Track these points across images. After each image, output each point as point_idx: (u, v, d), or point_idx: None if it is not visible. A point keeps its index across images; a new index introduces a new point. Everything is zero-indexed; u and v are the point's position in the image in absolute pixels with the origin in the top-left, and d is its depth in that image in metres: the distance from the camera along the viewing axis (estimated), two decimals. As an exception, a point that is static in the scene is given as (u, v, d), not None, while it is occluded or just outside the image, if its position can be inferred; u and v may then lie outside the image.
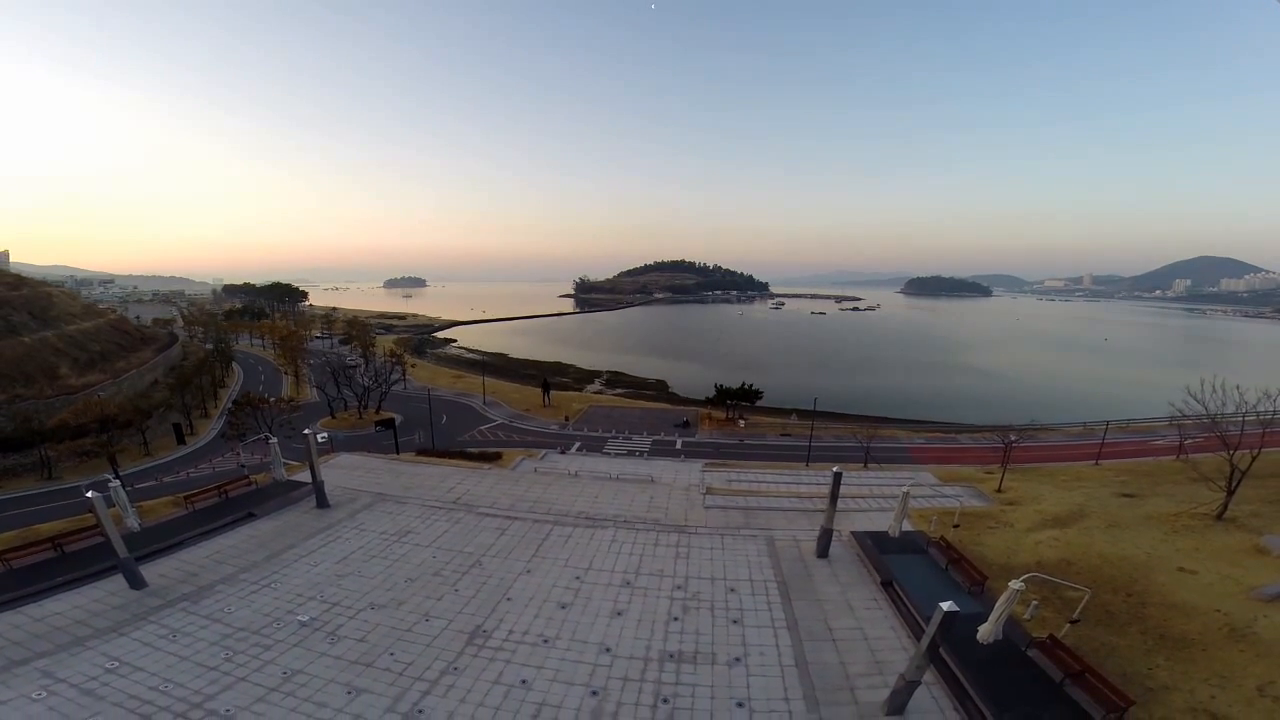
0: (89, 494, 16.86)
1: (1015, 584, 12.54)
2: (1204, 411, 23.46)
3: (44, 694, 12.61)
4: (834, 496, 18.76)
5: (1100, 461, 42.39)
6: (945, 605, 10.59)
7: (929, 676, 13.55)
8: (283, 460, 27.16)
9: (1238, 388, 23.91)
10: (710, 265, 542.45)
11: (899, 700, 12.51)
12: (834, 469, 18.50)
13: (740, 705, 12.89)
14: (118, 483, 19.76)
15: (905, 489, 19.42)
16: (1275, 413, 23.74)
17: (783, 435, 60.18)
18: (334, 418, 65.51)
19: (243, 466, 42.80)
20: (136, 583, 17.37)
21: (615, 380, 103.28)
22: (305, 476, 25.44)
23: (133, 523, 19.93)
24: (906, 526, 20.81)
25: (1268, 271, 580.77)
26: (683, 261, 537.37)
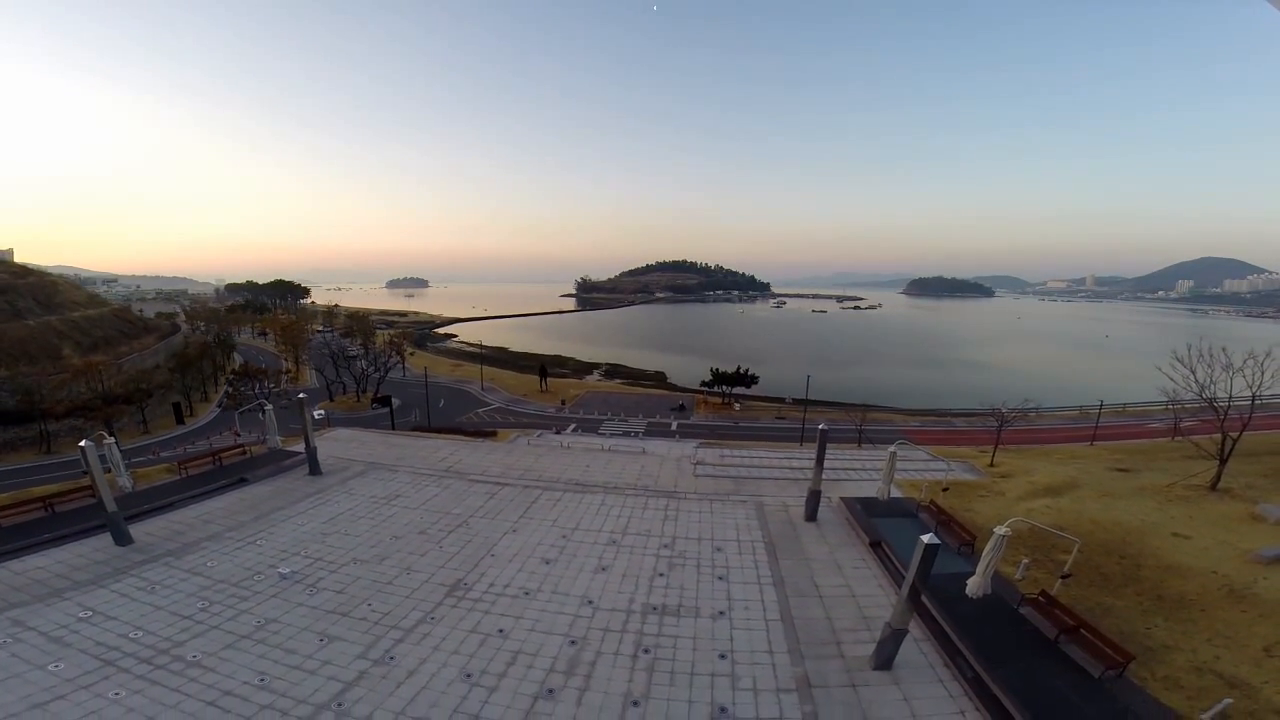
0: (81, 443, 16.66)
1: (1000, 529, 12.22)
2: (1191, 376, 23.11)
3: (9, 641, 12.49)
4: (820, 458, 18.55)
5: (1095, 442, 42.09)
6: (925, 538, 10.34)
7: (918, 633, 13.26)
8: (278, 431, 27.05)
9: (1224, 349, 23.59)
10: (712, 265, 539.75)
11: (886, 653, 12.22)
12: (820, 425, 18.25)
13: (723, 657, 12.68)
14: (112, 440, 19.52)
15: (892, 449, 19.12)
16: (1264, 396, 23.46)
17: (778, 418, 60.27)
18: (332, 400, 65.78)
19: (238, 435, 42.77)
20: (122, 539, 17.27)
21: (614, 371, 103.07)
22: (300, 448, 25.31)
23: (125, 483, 19.75)
24: (896, 494, 20.56)
25: (1270, 272, 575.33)
26: (684, 262, 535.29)
